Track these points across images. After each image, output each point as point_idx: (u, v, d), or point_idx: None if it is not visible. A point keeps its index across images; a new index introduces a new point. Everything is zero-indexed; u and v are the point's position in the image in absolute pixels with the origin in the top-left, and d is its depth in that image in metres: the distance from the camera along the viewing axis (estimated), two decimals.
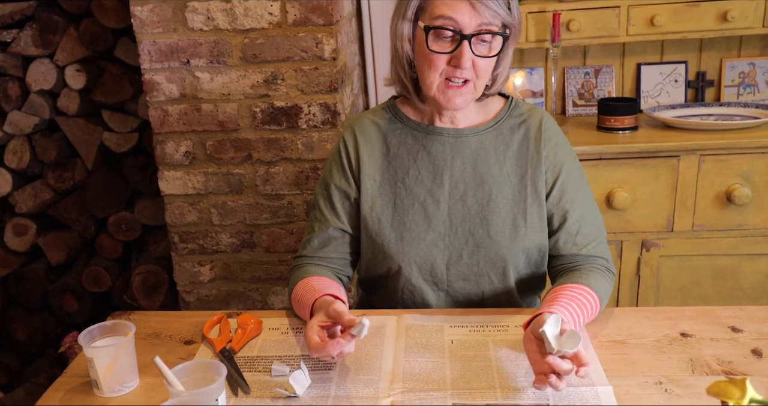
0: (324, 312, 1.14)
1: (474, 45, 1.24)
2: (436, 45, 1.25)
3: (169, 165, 2.04)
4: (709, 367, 1.14)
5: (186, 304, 2.16)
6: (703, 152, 2.05)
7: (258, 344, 1.26)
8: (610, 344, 1.22)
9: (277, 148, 1.99)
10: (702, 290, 2.17)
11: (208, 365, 1.04)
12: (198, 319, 1.35)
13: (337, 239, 1.39)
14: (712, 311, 1.32)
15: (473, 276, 1.36)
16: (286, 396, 1.09)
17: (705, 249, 2.13)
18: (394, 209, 1.36)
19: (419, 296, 1.38)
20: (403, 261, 1.35)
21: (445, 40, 1.25)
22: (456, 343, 1.23)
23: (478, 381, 1.12)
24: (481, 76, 1.27)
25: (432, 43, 1.25)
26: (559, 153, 1.35)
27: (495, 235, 1.33)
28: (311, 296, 1.23)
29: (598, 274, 1.31)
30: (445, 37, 1.24)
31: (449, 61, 1.25)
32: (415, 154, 1.36)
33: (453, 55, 1.24)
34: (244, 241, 2.09)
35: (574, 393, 1.08)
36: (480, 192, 1.34)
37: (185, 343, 1.28)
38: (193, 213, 2.08)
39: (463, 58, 1.23)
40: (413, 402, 1.07)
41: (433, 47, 1.25)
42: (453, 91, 1.27)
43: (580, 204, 1.35)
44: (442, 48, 1.25)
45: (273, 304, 2.15)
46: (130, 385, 1.13)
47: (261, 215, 2.06)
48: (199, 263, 2.12)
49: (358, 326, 1.06)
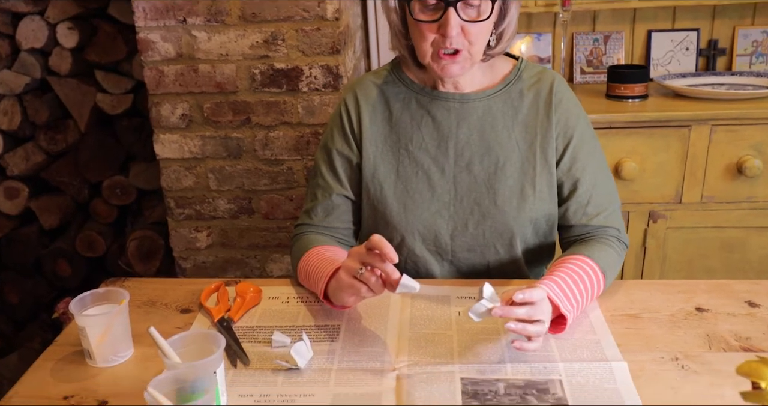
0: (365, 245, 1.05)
1: (461, 10, 1.17)
2: (422, 14, 1.18)
3: (165, 128, 1.98)
4: (727, 343, 1.10)
5: (182, 271, 2.11)
6: (714, 122, 2.00)
7: (257, 314, 1.21)
8: (623, 318, 1.18)
9: (277, 111, 1.93)
10: (708, 263, 2.14)
11: (206, 335, 0.99)
12: (195, 287, 1.30)
13: (340, 207, 1.34)
14: (727, 285, 1.28)
15: (478, 247, 1.31)
16: (287, 368, 1.05)
17: (713, 221, 2.09)
18: (396, 176, 1.30)
19: (423, 267, 1.33)
20: (406, 231, 1.30)
21: (429, 8, 1.18)
22: (463, 314, 1.19)
23: (486, 355, 1.08)
24: (475, 42, 1.20)
25: (417, 13, 1.19)
26: (570, 118, 1.29)
27: (502, 204, 1.28)
28: (328, 265, 1.16)
29: (605, 245, 1.25)
30: (429, 5, 1.18)
31: (438, 29, 1.18)
32: (419, 119, 1.30)
33: (440, 23, 1.18)
34: (242, 207, 2.04)
35: (587, 369, 1.03)
36: (487, 160, 1.28)
37: (182, 311, 1.23)
38: (189, 178, 2.02)
39: (449, 25, 1.16)
40: (419, 376, 1.03)
41: (418, 16, 1.18)
42: (446, 60, 1.21)
43: (592, 172, 1.29)
44: (427, 16, 1.18)
45: (272, 271, 2.11)
46: (124, 355, 1.09)
47: (260, 181, 2.01)
48: (195, 229, 2.07)
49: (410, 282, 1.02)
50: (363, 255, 1.04)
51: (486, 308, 1.02)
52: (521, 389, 1.00)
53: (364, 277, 1.04)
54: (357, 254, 1.05)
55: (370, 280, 1.04)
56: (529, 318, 1.02)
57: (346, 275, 1.06)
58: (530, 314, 1.02)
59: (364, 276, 1.04)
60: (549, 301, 1.07)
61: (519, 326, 1.01)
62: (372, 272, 1.04)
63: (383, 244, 1.01)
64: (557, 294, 1.09)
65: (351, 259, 1.06)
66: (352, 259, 1.06)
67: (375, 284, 1.04)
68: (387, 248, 1.01)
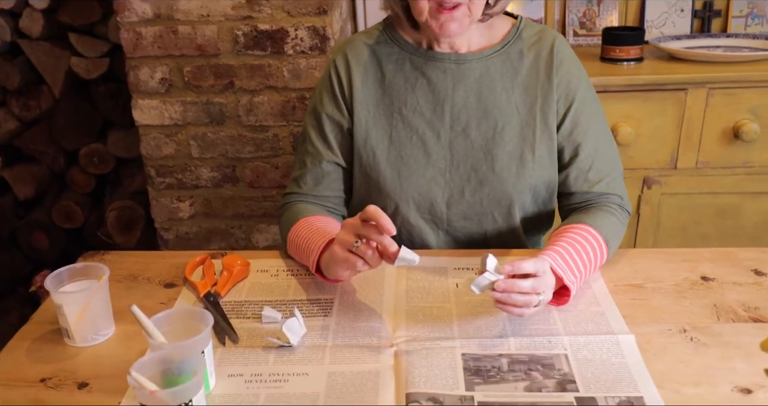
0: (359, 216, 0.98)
1: None
2: None
3: (144, 93, 1.89)
4: (735, 313, 1.06)
5: (164, 242, 2.05)
6: (712, 86, 1.95)
7: (245, 288, 1.16)
8: (627, 289, 1.13)
9: (261, 75, 1.85)
10: (702, 229, 2.11)
11: (193, 312, 0.94)
12: (179, 260, 1.24)
13: (331, 175, 1.27)
14: (732, 253, 1.24)
15: (475, 215, 1.26)
16: (278, 346, 1.00)
17: (708, 187, 2.06)
18: (390, 142, 1.24)
19: (418, 236, 1.28)
20: (400, 199, 1.24)
21: None
22: (461, 286, 1.14)
23: (487, 329, 1.03)
24: None
25: None
26: (572, 80, 1.23)
27: (500, 171, 1.22)
28: (320, 238, 1.10)
29: (607, 213, 1.20)
30: None
31: None
32: (414, 81, 1.23)
33: None
34: (225, 175, 1.97)
35: (593, 342, 0.99)
36: (484, 124, 1.22)
37: (165, 286, 1.17)
38: (170, 145, 1.94)
39: None
40: (419, 352, 0.98)
41: None
42: (445, 15, 1.13)
43: (594, 136, 1.24)
44: None
45: (257, 242, 2.05)
46: (105, 333, 1.03)
47: (244, 148, 1.93)
48: (177, 199, 2.00)
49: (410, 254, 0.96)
50: (358, 227, 0.98)
51: (489, 281, 0.97)
52: (525, 364, 0.95)
53: (360, 250, 0.98)
54: (351, 225, 0.99)
55: (366, 253, 0.98)
56: (533, 291, 0.97)
57: (341, 248, 1.01)
58: (535, 287, 0.97)
59: (359, 249, 0.98)
60: (552, 272, 1.02)
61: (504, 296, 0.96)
62: (368, 245, 0.98)
63: (379, 215, 0.95)
64: (560, 265, 1.04)
65: (345, 231, 1.00)
66: (346, 231, 1.00)
67: (372, 257, 0.98)
68: (383, 219, 0.95)
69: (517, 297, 0.96)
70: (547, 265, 1.00)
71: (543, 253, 1.06)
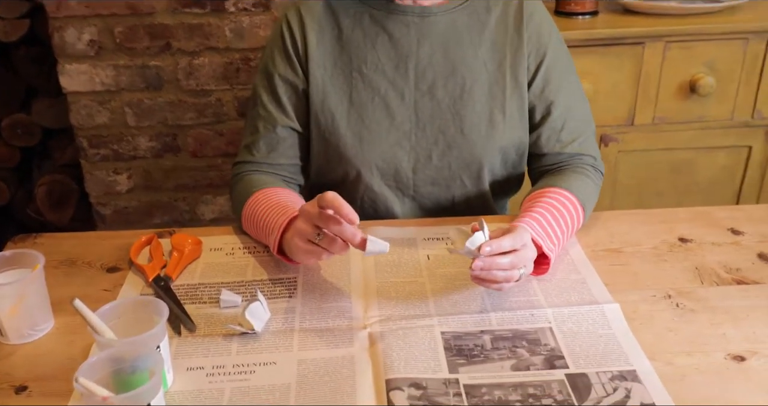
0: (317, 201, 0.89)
1: None
2: None
3: (71, 57, 1.74)
4: (718, 276, 1.02)
5: (102, 218, 1.92)
6: (669, 39, 1.91)
7: (199, 269, 1.06)
8: (605, 254, 1.08)
9: (201, 35, 1.72)
10: (658, 186, 2.10)
11: (144, 302, 0.84)
12: (122, 240, 1.13)
13: (286, 141, 1.17)
14: (707, 212, 1.20)
15: (443, 180, 1.18)
16: (241, 333, 0.91)
17: (664, 143, 2.04)
18: (349, 103, 1.14)
19: (382, 205, 1.20)
20: (362, 165, 1.16)
21: None
22: (433, 258, 1.07)
23: (465, 303, 0.96)
24: None
25: None
26: (543, 34, 1.16)
27: (469, 132, 1.15)
28: (280, 215, 1.01)
29: (582, 175, 1.15)
30: None
31: None
32: (374, 37, 1.14)
33: None
34: (165, 144, 1.85)
35: (578, 313, 0.94)
36: (451, 83, 1.14)
37: (108, 270, 1.06)
38: (103, 113, 1.80)
39: None
40: (395, 333, 0.90)
41: None
42: None
43: (566, 94, 1.17)
44: None
45: (203, 214, 1.94)
46: (43, 328, 0.92)
47: (185, 115, 1.81)
48: (114, 171, 1.87)
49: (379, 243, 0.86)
50: (315, 217, 0.88)
51: (476, 247, 0.89)
52: (509, 340, 0.89)
53: (324, 242, 0.89)
54: (309, 214, 0.89)
55: (331, 245, 0.89)
56: (513, 267, 0.91)
57: (301, 240, 0.91)
58: (514, 263, 0.91)
59: (323, 241, 0.89)
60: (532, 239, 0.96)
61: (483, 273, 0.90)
62: (331, 237, 0.89)
63: (339, 203, 0.86)
64: (539, 233, 0.98)
65: (303, 220, 0.91)
66: (304, 221, 0.90)
67: (337, 247, 0.89)
68: (344, 209, 0.85)
69: (497, 273, 0.90)
70: (527, 237, 0.93)
71: (519, 220, 1.00)
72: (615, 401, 0.79)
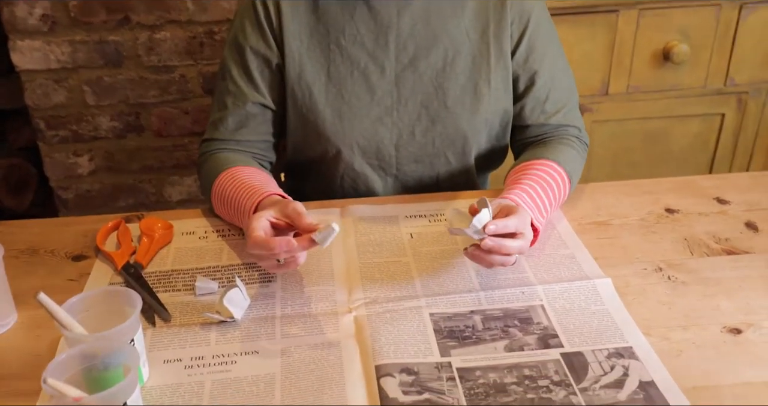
0: (279, 209, 0.88)
1: None
2: None
3: (23, 32, 1.65)
4: (708, 247, 1.00)
5: (63, 202, 1.83)
6: (642, 6, 1.88)
7: (171, 255, 1.00)
8: (592, 227, 1.05)
9: (161, 8, 1.64)
10: (632, 157, 2.09)
11: (114, 292, 0.78)
12: (86, 226, 1.07)
13: (256, 118, 1.11)
14: (692, 181, 1.18)
15: (427, 157, 1.14)
16: (219, 322, 0.86)
17: (638, 112, 2.02)
18: (327, 78, 1.09)
19: (363, 184, 1.15)
20: (342, 143, 1.11)
21: None
22: (416, 236, 1.03)
23: (453, 283, 0.93)
24: None
25: None
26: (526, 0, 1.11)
27: (453, 106, 1.10)
28: (251, 196, 0.96)
29: (567, 147, 1.12)
30: None
31: None
32: (352, 8, 1.08)
33: None
34: (128, 124, 1.77)
35: (569, 290, 0.91)
36: (434, 54, 1.09)
37: (73, 259, 1.00)
38: (60, 92, 1.71)
39: None
40: (381, 317, 0.86)
41: None
42: None
43: (551, 63, 1.13)
44: None
45: (170, 196, 1.87)
46: (5, 323, 0.86)
47: (147, 92, 1.73)
48: (74, 153, 1.79)
49: (324, 231, 0.81)
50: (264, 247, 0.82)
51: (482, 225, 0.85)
52: (501, 320, 0.86)
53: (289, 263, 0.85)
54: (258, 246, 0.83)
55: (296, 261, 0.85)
56: (519, 252, 0.87)
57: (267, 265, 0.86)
58: (521, 248, 0.87)
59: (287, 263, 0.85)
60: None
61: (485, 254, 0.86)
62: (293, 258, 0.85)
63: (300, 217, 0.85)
64: (529, 205, 0.95)
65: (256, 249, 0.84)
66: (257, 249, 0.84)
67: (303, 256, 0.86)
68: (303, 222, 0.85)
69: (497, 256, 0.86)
70: (528, 219, 0.89)
71: (508, 192, 0.97)
72: (613, 379, 0.77)
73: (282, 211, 0.87)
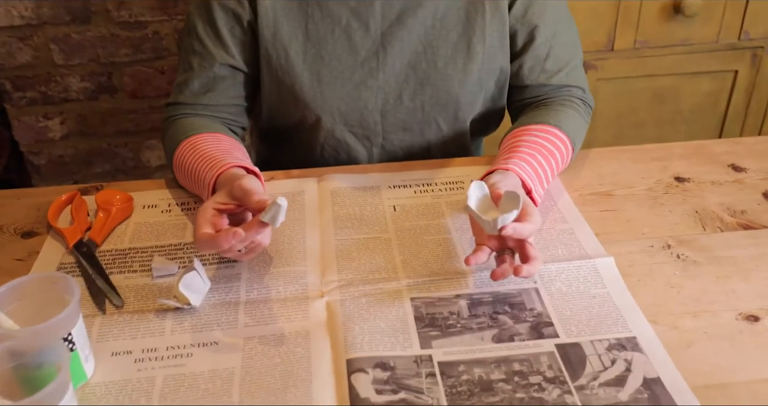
0: (226, 191, 0.79)
1: None
2: None
3: None
4: (721, 220, 0.90)
5: (36, 168, 1.74)
6: None
7: (129, 231, 0.91)
8: (593, 198, 0.96)
9: None
10: (639, 117, 1.98)
11: (51, 279, 0.69)
12: (41, 199, 0.97)
13: (225, 80, 1.01)
14: (704, 146, 1.08)
15: (416, 124, 1.04)
16: (175, 308, 0.77)
17: (645, 69, 1.90)
18: (305, 37, 0.98)
19: (345, 153, 1.06)
20: (322, 109, 1.00)
21: None
22: (400, 209, 0.94)
23: (438, 263, 0.84)
24: None
25: None
26: None
27: (444, 67, 1.00)
28: (210, 169, 0.86)
29: (570, 109, 1.01)
30: None
31: None
32: None
33: None
34: (100, 85, 1.66)
35: (567, 270, 0.82)
36: (423, 9, 0.98)
37: (23, 236, 0.91)
38: (25, 51, 1.60)
39: None
40: (356, 301, 0.78)
41: None
42: None
43: (552, 16, 1.02)
44: None
45: (149, 161, 1.77)
46: None
47: (119, 51, 1.61)
48: (44, 116, 1.68)
49: (270, 210, 0.72)
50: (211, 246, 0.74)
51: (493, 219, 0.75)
52: (489, 306, 0.77)
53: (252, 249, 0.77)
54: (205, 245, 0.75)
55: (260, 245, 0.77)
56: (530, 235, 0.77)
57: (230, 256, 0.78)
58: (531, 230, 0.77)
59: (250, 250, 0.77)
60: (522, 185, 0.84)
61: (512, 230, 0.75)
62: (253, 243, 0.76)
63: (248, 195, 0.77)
64: (530, 176, 0.86)
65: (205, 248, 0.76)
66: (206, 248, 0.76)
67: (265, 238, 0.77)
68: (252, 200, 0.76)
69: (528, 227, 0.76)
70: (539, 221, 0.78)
71: (507, 161, 0.87)
72: (614, 376, 0.68)
73: (229, 192, 0.78)
